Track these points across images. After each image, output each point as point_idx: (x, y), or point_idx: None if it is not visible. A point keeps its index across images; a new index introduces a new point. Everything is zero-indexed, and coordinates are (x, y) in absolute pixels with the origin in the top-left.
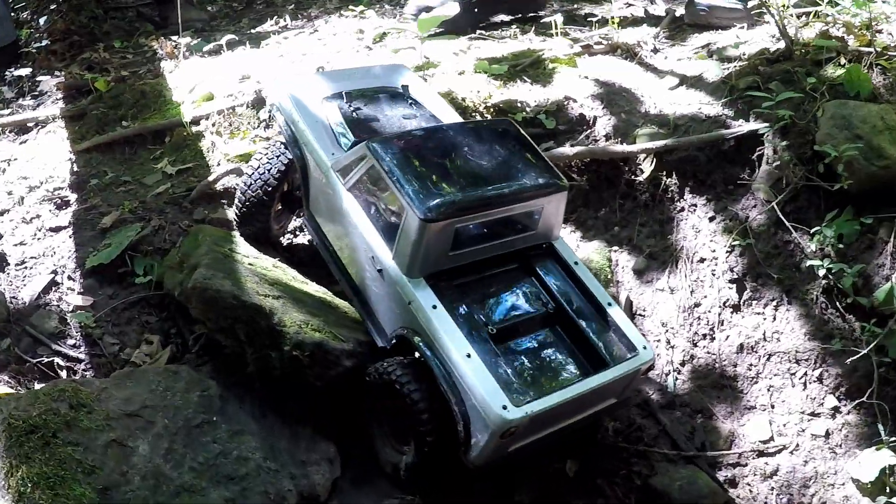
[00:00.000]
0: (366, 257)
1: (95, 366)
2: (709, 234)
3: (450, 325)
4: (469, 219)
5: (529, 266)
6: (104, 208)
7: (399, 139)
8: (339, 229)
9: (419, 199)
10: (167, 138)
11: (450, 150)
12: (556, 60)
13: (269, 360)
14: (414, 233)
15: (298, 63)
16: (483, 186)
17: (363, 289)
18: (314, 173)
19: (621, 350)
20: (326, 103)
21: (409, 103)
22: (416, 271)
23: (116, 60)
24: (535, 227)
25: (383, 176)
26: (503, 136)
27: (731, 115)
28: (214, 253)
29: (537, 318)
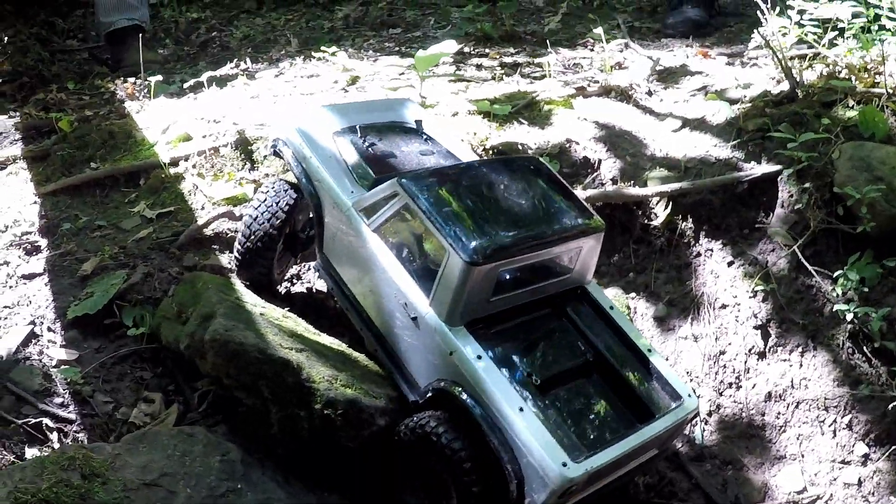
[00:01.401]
0: (396, 304)
1: (88, 427)
2: (729, 280)
3: (498, 376)
4: (515, 261)
5: (563, 311)
6: (81, 254)
7: (432, 176)
8: (361, 274)
9: (463, 239)
10: (142, 180)
11: (485, 187)
12: (552, 102)
13: (297, 420)
14: (457, 276)
15: (272, 104)
16: (525, 227)
17: (391, 339)
18: (330, 213)
19: (666, 399)
20: (338, 138)
21: (424, 139)
22: (457, 319)
23: (73, 101)
24: (571, 271)
25: (419, 215)
26: (535, 174)
27: (742, 158)
28: (227, 302)
29: (578, 368)
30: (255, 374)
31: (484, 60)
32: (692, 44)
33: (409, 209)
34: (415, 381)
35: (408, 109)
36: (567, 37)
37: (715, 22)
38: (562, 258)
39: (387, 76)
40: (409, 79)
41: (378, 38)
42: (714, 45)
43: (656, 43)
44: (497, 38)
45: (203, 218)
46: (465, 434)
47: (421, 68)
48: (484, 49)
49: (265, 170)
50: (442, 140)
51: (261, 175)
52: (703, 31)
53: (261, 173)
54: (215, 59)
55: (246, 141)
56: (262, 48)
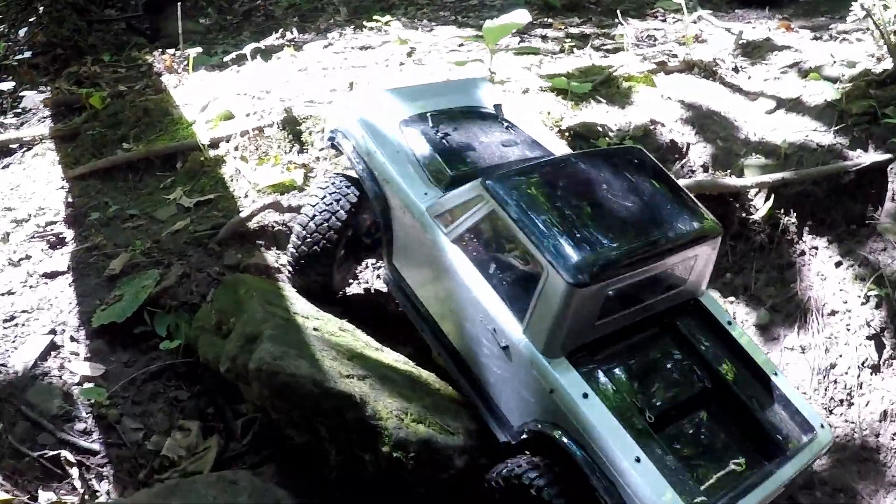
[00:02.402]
0: (481, 329)
1: (114, 460)
2: (837, 282)
3: (608, 419)
4: (625, 279)
5: (674, 329)
6: (109, 249)
7: (522, 174)
8: (439, 290)
9: (564, 255)
10: (179, 164)
11: (585, 187)
12: (630, 78)
13: (361, 463)
14: (558, 300)
15: (322, 78)
16: (635, 235)
17: (477, 368)
18: (401, 218)
19: (796, 431)
20: (406, 128)
21: (505, 126)
22: (557, 349)
23: (108, 74)
24: (684, 282)
25: (509, 224)
26: (640, 169)
27: (847, 144)
28: (274, 318)
29: (694, 397)
30: (311, 411)
31: (548, 31)
32: (770, 16)
33: (496, 217)
34: (505, 419)
35: (483, 91)
36: (634, 6)
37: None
38: (675, 269)
39: (445, 48)
40: (470, 51)
41: (432, 7)
42: (793, 17)
43: (730, 14)
44: (560, 7)
45: (247, 209)
46: (566, 486)
47: (491, 40)
48: (547, 19)
49: (315, 153)
50: (524, 126)
51: (311, 158)
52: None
53: (311, 156)
54: (259, 30)
55: (294, 120)
56: (309, 17)
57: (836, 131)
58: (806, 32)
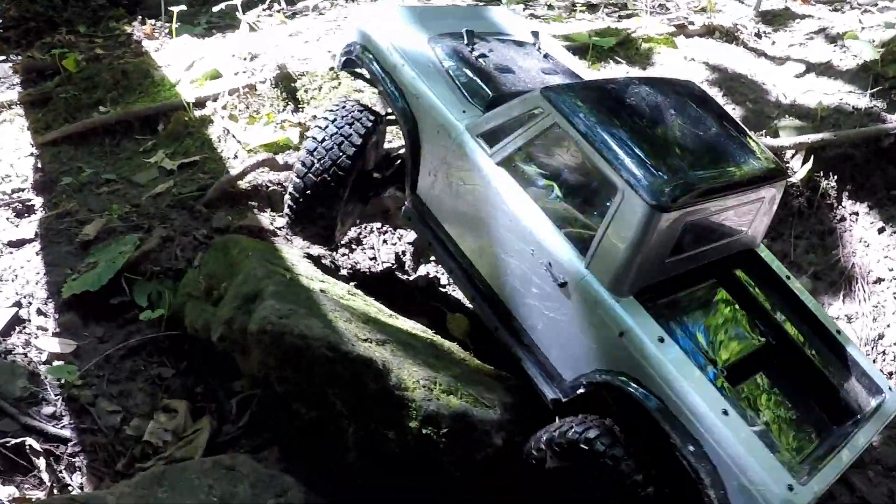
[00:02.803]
0: (532, 265)
1: (89, 447)
2: (882, 249)
3: (689, 366)
4: (704, 209)
5: (733, 279)
6: (83, 214)
7: (588, 89)
8: (477, 223)
9: (643, 175)
10: (161, 125)
11: (653, 110)
12: (650, 40)
13: (384, 442)
14: (635, 224)
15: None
16: (712, 164)
17: (521, 313)
18: (431, 140)
19: (864, 394)
20: (437, 46)
21: (543, 55)
22: (625, 287)
23: (84, 44)
24: (744, 230)
25: (577, 139)
26: (702, 103)
27: (885, 108)
28: (275, 276)
29: (759, 353)
30: (324, 380)
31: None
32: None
33: (558, 131)
34: (556, 372)
35: (514, 20)
36: None
37: None
38: (742, 210)
39: None
40: None
41: None
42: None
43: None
44: None
45: (237, 168)
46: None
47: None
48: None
49: (312, 111)
50: (561, 59)
51: (307, 117)
52: None
53: (307, 115)
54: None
55: (289, 76)
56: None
57: (872, 94)
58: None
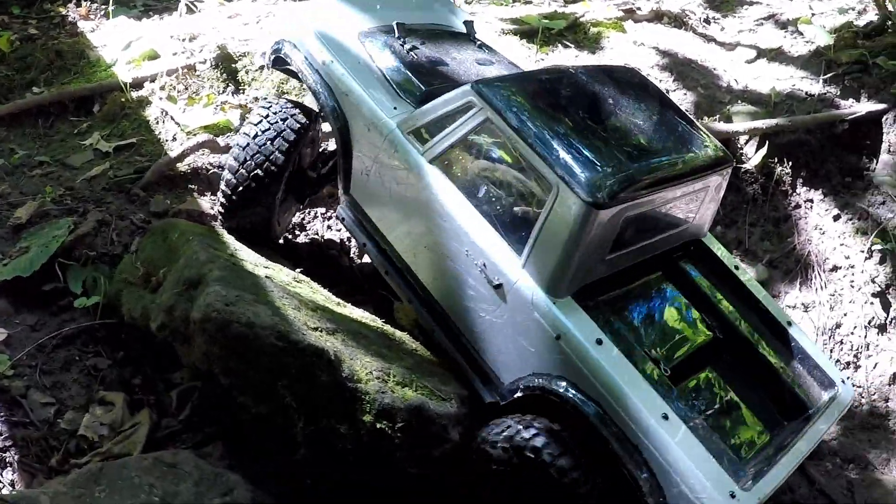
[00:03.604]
0: (467, 266)
1: (20, 442)
2: (837, 237)
3: (628, 369)
4: (645, 203)
5: (679, 271)
6: (15, 197)
7: (520, 81)
8: (411, 223)
9: (580, 170)
10: (96, 107)
11: (590, 100)
12: (599, 24)
13: (336, 438)
14: (571, 222)
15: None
16: (651, 155)
17: (457, 315)
18: (362, 138)
19: (817, 388)
20: (367, 41)
21: (478, 45)
22: (563, 287)
23: (17, 25)
24: (689, 220)
25: (510, 136)
26: (642, 89)
27: (838, 94)
28: (219, 260)
29: (706, 347)
30: (273, 371)
31: None
32: None
33: (490, 127)
34: (493, 375)
35: (447, 10)
36: None
37: None
38: (685, 201)
39: None
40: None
41: None
42: None
43: None
44: None
45: (175, 150)
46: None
47: None
48: None
49: (253, 93)
50: (498, 48)
51: (248, 99)
52: None
53: (248, 97)
54: None
55: (229, 57)
56: None
57: (825, 80)
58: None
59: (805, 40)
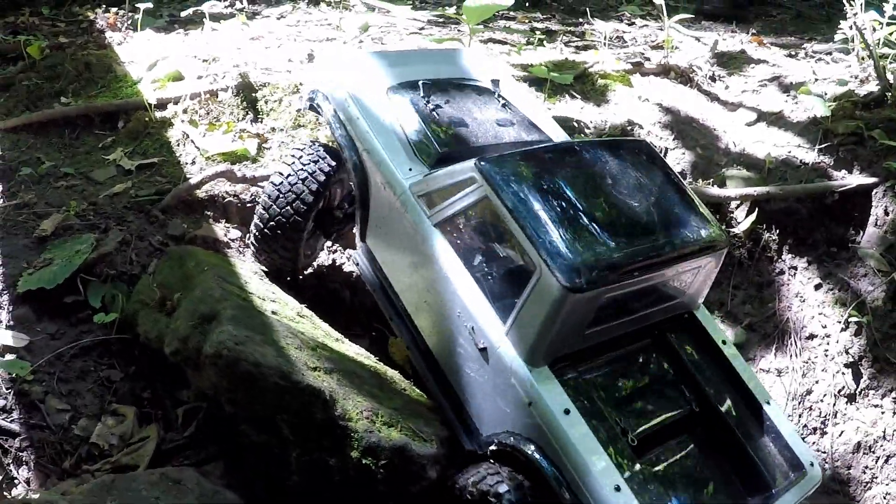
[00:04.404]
0: (459, 326)
1: (36, 444)
2: (817, 305)
3: (590, 441)
4: (624, 286)
5: (665, 343)
6: (41, 207)
7: (521, 160)
8: (415, 278)
9: (561, 255)
10: (121, 123)
11: (589, 179)
12: (607, 76)
13: (326, 469)
14: (549, 303)
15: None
16: (641, 239)
17: (449, 367)
18: (380, 193)
19: (784, 467)
20: (394, 96)
21: (501, 104)
22: (540, 357)
23: (47, 28)
24: (682, 294)
25: (503, 213)
26: (648, 164)
27: (832, 164)
28: (232, 297)
29: (680, 420)
30: (274, 406)
31: (512, 24)
32: (737, 30)
33: (488, 203)
34: (474, 426)
35: (477, 63)
36: (597, 8)
37: (755, 9)
38: (675, 279)
39: (405, 29)
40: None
41: None
42: (761, 34)
43: (696, 26)
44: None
45: (196, 176)
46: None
47: (472, 21)
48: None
49: (271, 123)
50: (521, 106)
51: (266, 129)
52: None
53: (266, 126)
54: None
55: (250, 86)
56: None
57: (820, 150)
58: (778, 50)
59: (804, 108)
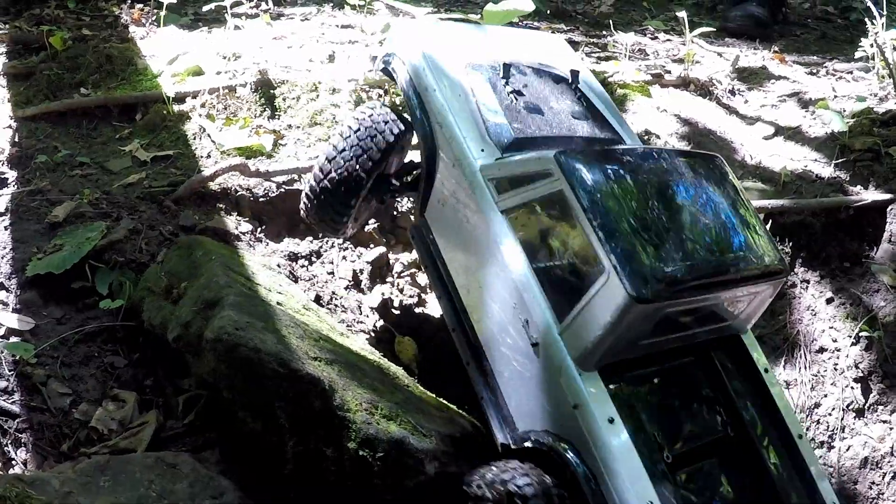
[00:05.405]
0: (512, 317)
1: (36, 426)
2: (828, 319)
3: (629, 453)
4: (689, 302)
5: (709, 362)
6: (54, 195)
7: (603, 160)
8: (471, 261)
9: (632, 263)
10: (139, 115)
11: (665, 189)
12: (626, 86)
13: (321, 459)
14: (612, 310)
15: (299, 49)
16: (710, 256)
17: (493, 356)
18: (446, 170)
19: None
20: (473, 73)
21: (578, 96)
22: (592, 362)
23: (72, 21)
24: (734, 317)
25: (577, 212)
26: (720, 181)
27: (847, 180)
28: (237, 285)
29: (712, 443)
30: (271, 393)
31: None
32: (759, 48)
33: (563, 199)
34: (510, 419)
35: (558, 51)
36: (622, 21)
37: (779, 28)
38: (733, 302)
39: None
40: None
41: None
42: (784, 52)
43: (719, 41)
44: (547, 14)
45: (210, 168)
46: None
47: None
48: (533, 22)
49: (288, 120)
50: (596, 101)
51: (283, 126)
52: (765, 33)
53: (283, 123)
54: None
55: (268, 83)
56: None
57: (836, 165)
58: (799, 67)
59: (822, 122)
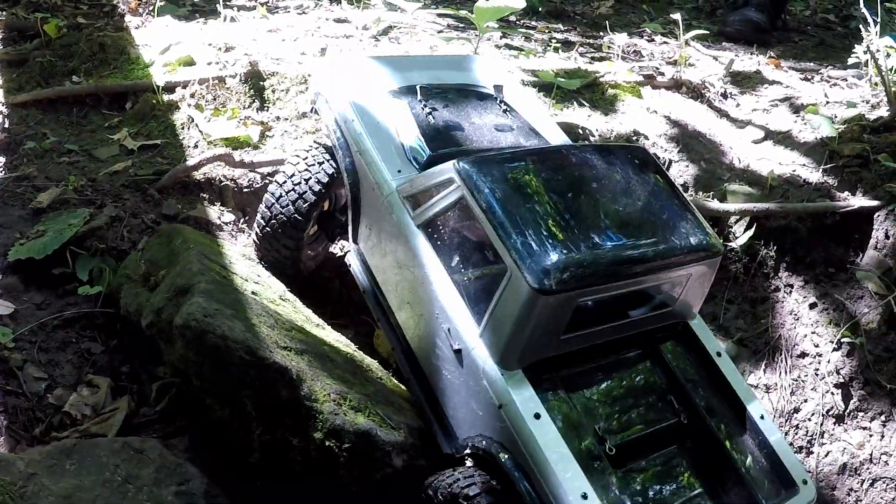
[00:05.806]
0: (437, 327)
1: (10, 410)
2: (810, 324)
3: (558, 446)
4: (599, 290)
5: (656, 352)
6: (40, 181)
7: (503, 161)
8: (399, 278)
9: (531, 256)
10: (129, 104)
11: (573, 183)
12: (617, 86)
13: (288, 449)
14: (519, 305)
15: (292, 42)
16: (620, 243)
17: (428, 370)
18: (369, 196)
19: (776, 485)
20: (394, 100)
21: (503, 109)
22: (513, 360)
23: (69, 9)
24: (673, 303)
25: (478, 215)
26: (640, 170)
27: (835, 185)
28: (210, 273)
29: (667, 431)
30: (238, 381)
31: (532, 33)
32: (756, 53)
33: (465, 204)
34: (451, 429)
35: (483, 69)
36: (620, 23)
37: (778, 35)
38: (664, 287)
39: (423, 30)
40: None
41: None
42: (780, 57)
43: (716, 45)
44: (544, 14)
45: (194, 158)
46: None
47: (481, 21)
48: (531, 21)
49: (276, 112)
50: (525, 112)
51: (270, 117)
52: (763, 38)
53: (271, 115)
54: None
55: (258, 74)
56: None
57: (825, 170)
58: (794, 73)
59: (812, 128)
